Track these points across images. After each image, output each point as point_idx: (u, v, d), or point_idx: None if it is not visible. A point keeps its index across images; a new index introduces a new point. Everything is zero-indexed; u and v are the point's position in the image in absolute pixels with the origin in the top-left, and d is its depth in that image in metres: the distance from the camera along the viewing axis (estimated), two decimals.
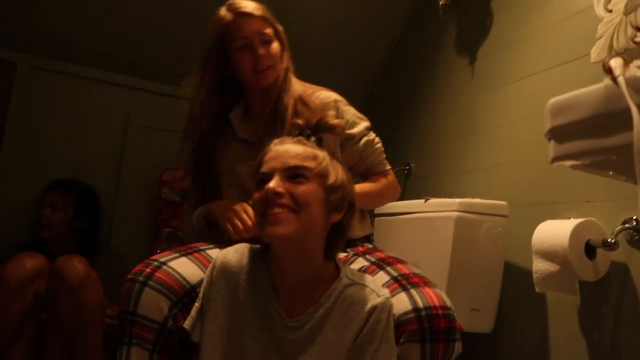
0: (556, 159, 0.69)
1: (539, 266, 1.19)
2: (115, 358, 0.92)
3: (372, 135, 1.22)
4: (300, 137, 0.92)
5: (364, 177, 1.22)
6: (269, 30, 1.16)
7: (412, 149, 1.26)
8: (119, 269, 1.83)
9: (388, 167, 1.24)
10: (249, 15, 1.14)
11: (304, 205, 0.83)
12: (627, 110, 0.56)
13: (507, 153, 1.57)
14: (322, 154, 0.88)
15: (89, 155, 2.12)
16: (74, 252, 1.74)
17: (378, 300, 0.84)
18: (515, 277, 1.40)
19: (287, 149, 0.87)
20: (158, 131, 2.23)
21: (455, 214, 1.32)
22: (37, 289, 1.48)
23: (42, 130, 2.05)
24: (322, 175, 0.86)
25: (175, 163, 2.24)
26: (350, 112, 1.20)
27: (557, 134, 0.68)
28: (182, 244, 2.23)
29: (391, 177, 1.24)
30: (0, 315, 1.41)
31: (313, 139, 0.92)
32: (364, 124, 1.21)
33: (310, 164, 0.85)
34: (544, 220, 1.27)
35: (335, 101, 1.19)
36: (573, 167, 0.72)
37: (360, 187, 1.11)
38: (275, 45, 1.16)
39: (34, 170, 2.00)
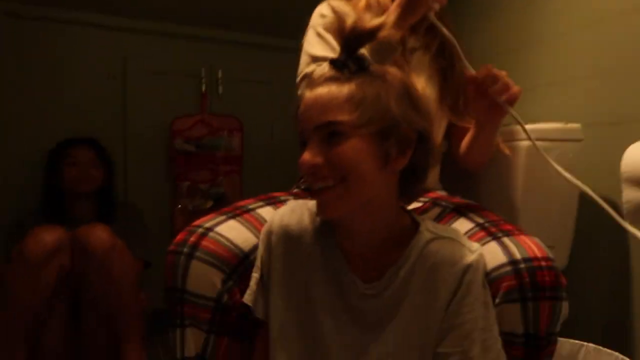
0: None
1: (632, 195, 1.03)
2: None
3: None
4: (332, 73, 0.70)
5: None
6: None
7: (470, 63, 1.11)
8: (141, 225, 1.77)
9: None
10: None
11: (349, 171, 0.67)
12: None
13: (575, 65, 1.37)
14: (361, 89, 0.68)
15: (89, 108, 1.92)
16: (96, 215, 1.69)
17: (471, 257, 0.70)
18: (593, 207, 1.26)
19: (316, 98, 0.69)
20: (160, 75, 2.03)
21: (524, 142, 1.15)
22: (62, 263, 1.41)
23: (33, 84, 1.84)
24: (366, 123, 0.67)
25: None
26: None
27: None
28: (204, 196, 2.12)
29: None
30: (26, 294, 1.35)
31: (350, 63, 0.70)
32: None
33: (344, 115, 0.66)
34: (624, 142, 1.10)
35: None
36: None
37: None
38: None
39: (30, 130, 1.83)
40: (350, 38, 0.69)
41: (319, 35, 1.01)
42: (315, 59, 0.96)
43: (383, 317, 0.72)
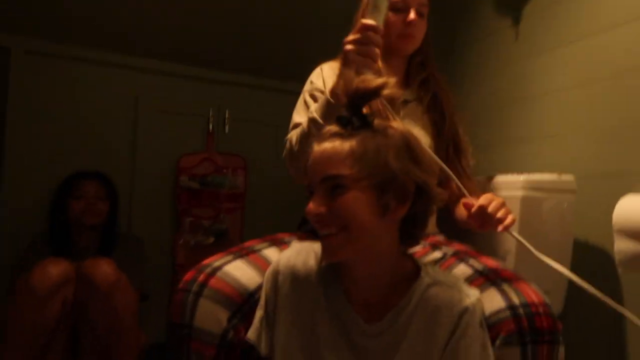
0: None
1: (623, 245, 1.08)
2: None
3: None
4: (337, 129, 0.75)
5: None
6: (427, 4, 1.17)
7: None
8: (139, 255, 1.80)
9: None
10: None
11: (350, 220, 0.72)
12: None
13: (568, 121, 1.45)
14: (362, 144, 0.72)
15: (99, 143, 1.97)
16: (97, 245, 1.73)
17: (468, 301, 0.74)
18: (586, 255, 1.30)
19: (322, 153, 0.74)
20: (170, 115, 2.10)
21: (520, 192, 1.20)
22: (66, 296, 1.43)
23: (46, 120, 1.90)
24: (365, 176, 0.71)
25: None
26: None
27: None
28: (206, 233, 2.15)
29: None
30: (31, 325, 1.38)
31: (355, 120, 0.74)
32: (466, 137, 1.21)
33: (346, 169, 0.71)
34: (616, 193, 1.15)
35: None
36: None
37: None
38: (425, 22, 1.18)
39: (42, 165, 1.87)
40: (355, 97, 0.74)
41: (305, 102, 1.11)
42: (297, 126, 1.05)
43: (384, 356, 0.74)
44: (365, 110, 0.76)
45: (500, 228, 0.87)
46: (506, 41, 1.69)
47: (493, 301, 0.78)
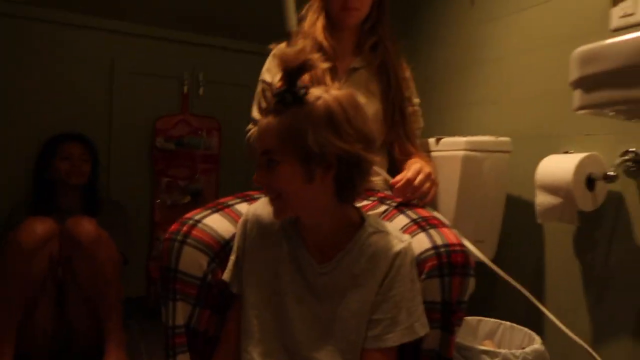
0: (581, 107, 0.72)
1: (542, 199, 1.27)
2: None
3: (420, 111, 1.30)
4: (277, 106, 0.83)
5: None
6: None
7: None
8: (123, 221, 1.89)
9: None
10: None
11: (281, 190, 0.85)
12: None
13: (509, 87, 1.59)
14: (286, 122, 0.81)
15: (76, 106, 2.04)
16: (81, 207, 1.81)
17: (401, 245, 0.88)
18: (516, 208, 1.49)
19: (261, 128, 0.84)
20: (145, 77, 2.17)
21: (462, 152, 1.36)
22: (51, 252, 1.53)
23: (23, 84, 1.95)
24: (289, 151, 0.82)
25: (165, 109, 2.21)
26: (412, 85, 1.31)
27: (585, 83, 0.70)
28: (182, 192, 2.27)
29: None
30: (20, 279, 1.47)
31: (288, 96, 0.82)
32: (417, 98, 1.31)
33: (273, 145, 0.82)
34: (544, 154, 1.33)
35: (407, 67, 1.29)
36: (595, 114, 0.76)
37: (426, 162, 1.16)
38: None
39: (20, 126, 1.94)
40: (289, 71, 0.82)
41: (257, 96, 1.27)
42: (254, 121, 1.24)
43: (332, 291, 0.90)
44: (303, 82, 0.84)
45: (419, 204, 1.07)
46: (463, 8, 1.79)
47: (422, 243, 0.93)
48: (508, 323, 1.35)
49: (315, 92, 0.84)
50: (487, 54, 1.68)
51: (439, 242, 0.92)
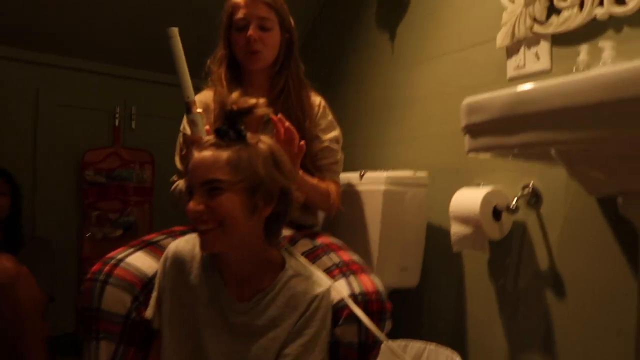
0: (471, 150, 0.82)
1: (456, 229, 1.37)
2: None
3: (336, 146, 1.30)
4: (217, 140, 0.88)
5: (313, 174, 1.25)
6: (271, 17, 1.22)
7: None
8: (48, 258, 1.82)
9: (338, 180, 1.30)
10: None
11: (225, 216, 0.86)
12: (526, 115, 0.69)
13: (424, 125, 1.72)
14: (236, 155, 0.86)
15: None
16: (0, 243, 1.72)
17: (319, 289, 0.93)
18: (436, 237, 1.60)
19: (202, 160, 0.87)
20: (74, 109, 2.13)
21: (383, 187, 1.45)
22: None
23: None
24: (239, 181, 0.86)
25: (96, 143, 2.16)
26: (330, 116, 1.32)
27: (471, 130, 0.80)
28: (114, 225, 2.21)
29: (339, 189, 1.30)
30: None
31: (231, 133, 0.88)
32: (335, 133, 1.31)
33: (223, 175, 0.85)
34: (459, 186, 1.44)
35: (321, 105, 1.31)
36: (484, 156, 0.86)
37: (306, 176, 1.17)
38: (273, 34, 1.23)
39: None
40: (232, 113, 0.89)
41: (179, 147, 1.29)
42: (179, 172, 1.28)
43: (248, 330, 0.92)
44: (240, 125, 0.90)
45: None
46: (384, 53, 1.93)
47: (341, 290, 0.99)
48: (432, 345, 1.43)
49: (250, 135, 0.91)
50: (406, 95, 1.81)
51: (357, 290, 0.98)
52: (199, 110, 1.06)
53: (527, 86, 0.70)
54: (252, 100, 0.91)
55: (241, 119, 0.90)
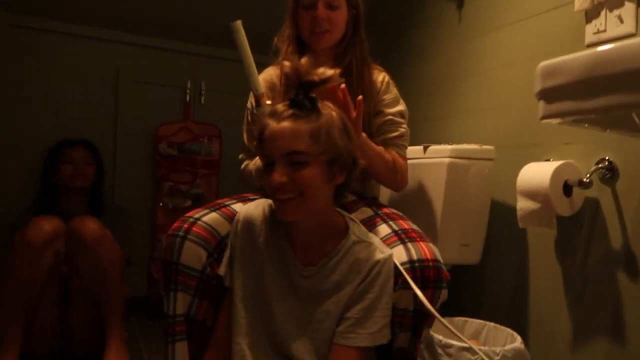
0: (545, 117, 0.79)
1: (523, 204, 1.34)
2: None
3: (400, 119, 1.27)
4: (293, 110, 0.89)
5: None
6: None
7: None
8: (126, 224, 1.96)
9: (404, 155, 1.27)
10: None
11: (307, 189, 0.89)
12: (608, 77, 0.67)
13: (493, 98, 1.66)
14: (316, 125, 0.88)
15: (83, 113, 2.14)
16: (86, 210, 1.88)
17: (381, 256, 0.95)
18: (500, 213, 1.56)
19: (283, 130, 0.88)
20: (149, 85, 2.27)
21: (447, 160, 1.43)
22: (56, 249, 1.58)
23: (32, 92, 2.05)
24: (321, 153, 0.88)
25: (165, 117, 2.29)
26: (395, 91, 1.29)
27: (546, 95, 0.78)
28: (184, 196, 2.34)
29: (405, 163, 1.26)
30: (27, 275, 1.53)
31: (307, 102, 0.89)
32: (399, 107, 1.28)
33: (307, 147, 0.87)
34: (527, 162, 1.40)
35: (385, 80, 1.27)
36: (559, 123, 0.84)
37: (370, 142, 1.16)
38: (341, 12, 1.21)
39: (29, 134, 2.03)
40: (308, 83, 0.90)
41: (247, 122, 1.29)
42: (247, 149, 1.28)
43: (312, 293, 0.96)
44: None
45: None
46: (450, 24, 1.88)
47: (399, 256, 1.00)
48: (492, 324, 1.42)
49: (321, 104, 0.92)
50: (472, 67, 1.76)
51: (415, 256, 0.99)
52: (268, 102, 1.09)
53: (609, 46, 0.67)
54: (330, 72, 0.92)
55: (315, 88, 0.91)
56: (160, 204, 2.25)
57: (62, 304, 1.64)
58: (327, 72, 0.92)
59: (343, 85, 1.00)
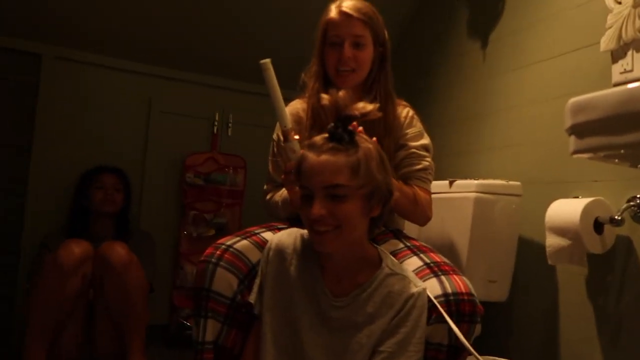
0: (576, 152, 0.80)
1: (552, 241, 1.32)
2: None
3: (424, 152, 1.26)
4: (333, 144, 0.90)
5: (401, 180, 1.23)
6: (366, 34, 1.22)
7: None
8: (150, 250, 1.99)
9: (427, 188, 1.25)
10: (348, 15, 1.21)
11: (346, 222, 0.90)
12: (639, 114, 0.68)
13: (519, 134, 1.67)
14: (357, 158, 0.89)
15: (115, 141, 2.22)
16: (113, 234, 1.93)
17: (415, 289, 0.95)
18: (528, 250, 1.54)
19: (324, 164, 0.89)
20: (178, 116, 2.35)
21: (474, 194, 1.43)
22: (85, 272, 1.62)
23: (69, 119, 2.14)
24: (360, 186, 0.89)
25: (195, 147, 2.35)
26: (419, 125, 1.30)
27: (577, 130, 0.79)
28: (208, 225, 2.36)
29: (429, 197, 1.25)
30: (56, 296, 1.56)
31: (346, 136, 0.91)
32: (423, 141, 1.28)
33: (347, 180, 0.88)
34: (554, 198, 1.39)
35: (409, 115, 1.28)
36: (590, 158, 0.84)
37: (396, 183, 1.14)
38: (367, 51, 1.23)
39: (64, 160, 2.10)
40: (347, 116, 0.91)
41: (273, 155, 1.30)
42: (273, 181, 1.29)
43: (344, 324, 0.96)
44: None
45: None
46: (474, 62, 1.91)
47: (433, 289, 0.99)
48: None
49: (358, 138, 0.93)
50: (498, 103, 1.78)
51: (449, 290, 0.98)
52: (296, 136, 1.11)
53: (639, 84, 0.68)
54: (370, 106, 0.94)
55: (353, 122, 0.93)
56: (185, 232, 2.28)
57: (87, 326, 1.66)
58: (367, 106, 0.94)
59: (360, 128, 0.99)
